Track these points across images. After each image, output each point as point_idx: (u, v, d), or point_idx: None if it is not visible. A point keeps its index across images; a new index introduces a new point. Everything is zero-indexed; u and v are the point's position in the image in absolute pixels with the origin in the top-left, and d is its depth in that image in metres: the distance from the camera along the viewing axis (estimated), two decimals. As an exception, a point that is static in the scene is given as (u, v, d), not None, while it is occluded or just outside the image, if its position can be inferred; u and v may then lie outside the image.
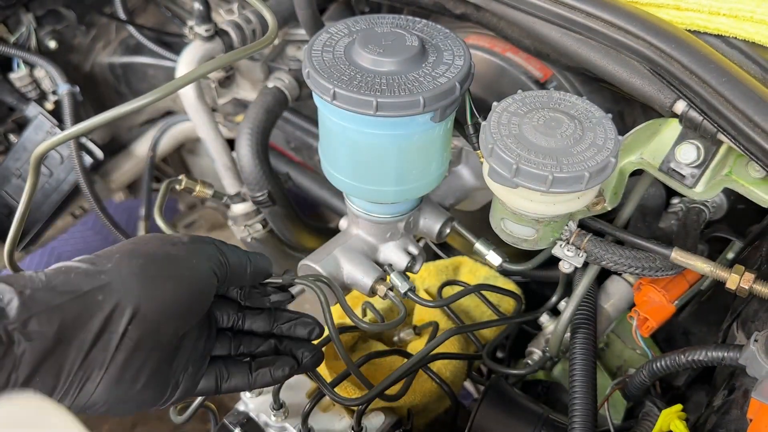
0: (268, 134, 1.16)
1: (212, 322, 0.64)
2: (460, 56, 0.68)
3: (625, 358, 0.89)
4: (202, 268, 0.57)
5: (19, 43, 1.36)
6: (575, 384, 0.76)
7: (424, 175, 0.72)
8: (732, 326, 0.74)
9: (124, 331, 0.50)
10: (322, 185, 1.34)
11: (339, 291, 0.78)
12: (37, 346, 0.47)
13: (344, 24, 0.71)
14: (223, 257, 0.60)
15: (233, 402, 0.87)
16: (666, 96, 0.65)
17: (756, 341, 0.61)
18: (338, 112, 0.65)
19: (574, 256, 0.72)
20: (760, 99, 0.57)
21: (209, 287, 0.58)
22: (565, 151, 0.61)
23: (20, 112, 1.38)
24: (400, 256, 0.83)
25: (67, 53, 1.50)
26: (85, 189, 1.34)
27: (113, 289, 0.51)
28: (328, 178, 0.76)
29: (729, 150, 0.66)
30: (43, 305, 0.48)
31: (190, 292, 0.56)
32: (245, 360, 0.66)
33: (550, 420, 0.78)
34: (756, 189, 0.65)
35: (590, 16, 0.65)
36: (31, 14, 1.38)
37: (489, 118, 0.65)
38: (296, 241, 1.31)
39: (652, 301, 0.79)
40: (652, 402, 0.77)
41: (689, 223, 0.79)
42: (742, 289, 0.65)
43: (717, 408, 0.72)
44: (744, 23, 0.63)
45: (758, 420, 0.60)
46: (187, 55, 1.20)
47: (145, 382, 0.53)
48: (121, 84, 1.61)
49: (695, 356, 0.69)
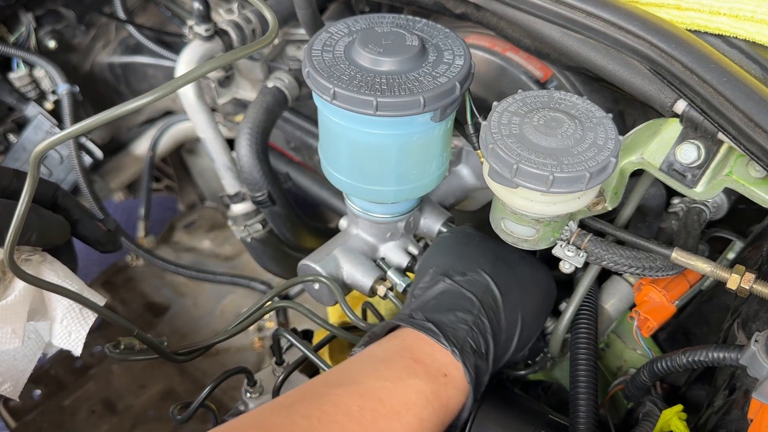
0: (267, 134, 1.15)
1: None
2: (461, 56, 0.68)
3: (626, 358, 0.89)
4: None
5: (19, 43, 1.37)
6: (576, 384, 0.75)
7: (424, 175, 0.72)
8: (732, 326, 0.74)
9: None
10: (322, 185, 1.34)
11: (339, 291, 0.78)
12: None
13: (344, 24, 0.71)
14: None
15: (233, 402, 0.87)
16: (666, 96, 0.65)
17: (756, 341, 0.61)
18: (338, 111, 0.65)
19: (574, 256, 0.72)
20: (760, 99, 0.57)
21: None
22: (566, 151, 0.61)
23: (20, 111, 1.38)
24: (400, 256, 0.83)
25: (67, 53, 1.50)
26: (85, 189, 1.34)
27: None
28: (328, 178, 0.75)
29: (729, 150, 0.66)
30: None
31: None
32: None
33: (550, 420, 0.77)
34: (756, 189, 0.65)
35: (591, 16, 0.65)
36: (31, 14, 1.38)
37: (489, 117, 0.65)
38: (296, 241, 1.31)
39: (653, 301, 0.79)
40: (653, 402, 0.77)
41: (690, 223, 0.79)
42: (743, 289, 0.65)
43: (718, 408, 0.72)
44: (745, 23, 0.63)
45: (759, 420, 0.60)
46: (186, 55, 1.20)
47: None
48: (120, 84, 1.61)
49: (696, 356, 0.69)
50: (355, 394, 0.57)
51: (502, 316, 0.69)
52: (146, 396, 1.53)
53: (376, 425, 0.56)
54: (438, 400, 0.61)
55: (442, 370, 0.62)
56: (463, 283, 0.70)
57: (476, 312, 0.67)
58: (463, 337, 0.65)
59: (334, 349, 0.90)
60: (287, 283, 0.81)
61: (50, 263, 0.69)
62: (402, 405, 0.58)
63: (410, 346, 0.64)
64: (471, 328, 0.66)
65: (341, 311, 0.78)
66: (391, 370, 0.61)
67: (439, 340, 0.64)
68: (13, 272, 0.58)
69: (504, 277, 0.72)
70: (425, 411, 0.59)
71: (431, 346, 0.64)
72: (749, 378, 0.63)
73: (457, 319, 0.66)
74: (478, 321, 0.67)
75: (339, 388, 0.58)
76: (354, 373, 0.61)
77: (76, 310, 0.69)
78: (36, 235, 0.66)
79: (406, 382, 0.60)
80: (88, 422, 1.48)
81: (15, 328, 0.65)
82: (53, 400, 1.51)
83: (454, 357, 0.63)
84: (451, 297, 0.69)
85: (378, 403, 0.57)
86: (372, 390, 0.58)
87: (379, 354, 0.64)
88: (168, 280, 1.79)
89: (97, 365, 1.58)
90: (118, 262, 1.81)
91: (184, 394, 1.52)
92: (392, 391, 0.59)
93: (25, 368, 0.71)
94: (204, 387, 0.78)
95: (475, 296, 0.69)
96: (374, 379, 0.60)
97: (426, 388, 0.60)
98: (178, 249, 1.87)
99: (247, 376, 0.85)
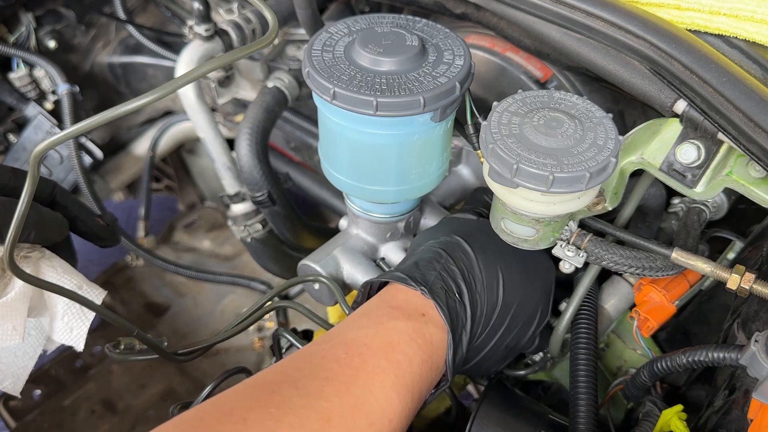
0: (267, 134, 1.15)
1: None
2: (461, 56, 0.68)
3: (626, 358, 0.89)
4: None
5: (19, 43, 1.36)
6: (576, 384, 0.75)
7: (424, 175, 0.72)
8: (732, 326, 0.74)
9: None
10: (322, 185, 1.34)
11: (339, 291, 0.78)
12: None
13: (344, 24, 0.71)
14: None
15: (233, 402, 0.87)
16: (666, 96, 0.65)
17: (756, 341, 0.61)
18: (338, 111, 0.65)
19: (574, 256, 0.72)
20: (760, 99, 0.57)
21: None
22: (566, 151, 0.61)
23: (20, 111, 1.38)
24: (400, 256, 0.83)
25: (67, 53, 1.50)
26: (85, 189, 1.34)
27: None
28: (328, 178, 0.75)
29: (729, 150, 0.66)
30: None
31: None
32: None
33: (550, 420, 0.78)
34: (756, 189, 0.65)
35: (591, 16, 0.65)
36: (31, 14, 1.37)
37: (489, 117, 0.65)
38: (296, 241, 1.31)
39: (653, 301, 0.79)
40: (653, 402, 0.77)
41: (690, 223, 0.79)
42: (743, 289, 0.65)
43: (718, 408, 0.72)
44: (745, 23, 0.63)
45: (759, 420, 0.60)
46: (186, 55, 1.20)
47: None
48: (120, 84, 1.61)
49: (696, 356, 0.69)
50: (341, 345, 0.61)
51: (475, 267, 0.72)
52: (146, 396, 1.53)
53: (365, 365, 0.59)
54: (421, 336, 0.64)
55: (419, 310, 0.66)
56: (432, 244, 0.73)
57: (443, 261, 0.70)
58: (431, 280, 0.68)
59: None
60: (287, 283, 0.81)
61: (49, 259, 0.70)
62: (386, 344, 0.62)
63: (386, 298, 0.68)
64: (439, 272, 0.69)
65: (341, 311, 0.78)
66: (371, 319, 0.65)
67: (407, 283, 0.67)
68: (13, 272, 0.58)
69: (479, 239, 0.75)
70: (410, 347, 0.62)
71: (405, 293, 0.67)
72: (749, 378, 0.63)
73: (426, 266, 0.70)
74: (446, 268, 0.70)
75: (325, 343, 0.62)
76: (338, 329, 0.65)
77: (76, 306, 0.70)
78: (35, 233, 0.67)
79: (387, 325, 0.63)
80: (88, 422, 1.48)
81: (15, 325, 0.66)
82: (53, 400, 1.51)
83: (425, 297, 0.66)
84: (421, 253, 0.72)
85: (363, 347, 0.61)
86: (356, 338, 0.62)
87: (359, 311, 0.68)
88: (168, 280, 1.79)
89: (97, 365, 1.58)
90: (118, 262, 1.81)
91: (184, 394, 1.52)
92: (375, 335, 0.62)
93: (26, 365, 0.72)
94: (204, 387, 0.78)
95: (443, 250, 0.72)
96: (356, 329, 0.64)
97: (406, 326, 0.64)
98: (178, 249, 1.87)
99: (247, 376, 0.85)
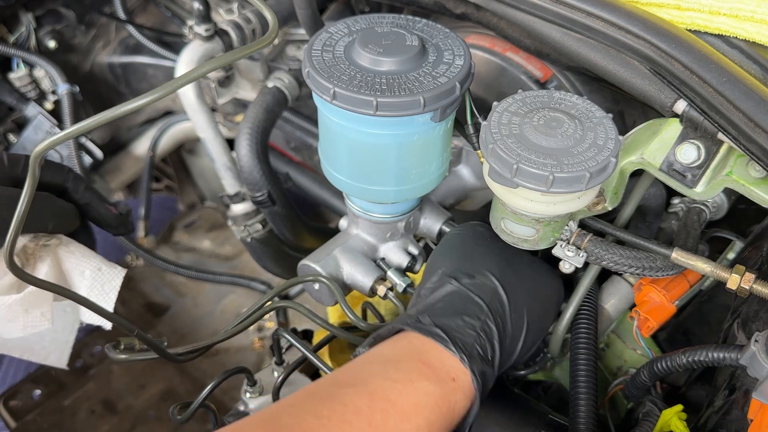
0: (267, 134, 1.15)
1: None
2: (460, 56, 0.67)
3: (626, 358, 0.89)
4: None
5: (19, 43, 1.36)
6: (576, 384, 0.75)
7: (424, 175, 0.72)
8: (732, 326, 0.74)
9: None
10: (322, 185, 1.34)
11: (339, 291, 0.78)
12: None
13: (344, 24, 0.71)
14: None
15: (233, 402, 0.87)
16: (666, 96, 0.65)
17: (756, 341, 0.61)
18: (338, 111, 0.65)
19: (574, 256, 0.72)
20: (760, 99, 0.57)
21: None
22: (566, 151, 0.61)
23: (20, 111, 1.38)
24: (400, 256, 0.83)
25: (67, 53, 1.50)
26: (85, 189, 1.33)
27: None
28: (328, 178, 0.75)
29: (729, 150, 0.66)
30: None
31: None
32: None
33: (550, 420, 0.77)
34: (756, 189, 0.65)
35: (591, 16, 0.65)
36: (31, 14, 1.37)
37: (489, 117, 0.65)
38: (296, 241, 1.31)
39: (653, 301, 0.79)
40: (653, 402, 0.77)
41: (690, 223, 0.79)
42: (743, 289, 0.65)
43: (718, 408, 0.72)
44: (745, 23, 0.63)
45: (759, 420, 0.60)
46: (186, 55, 1.20)
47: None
48: (120, 84, 1.61)
49: (696, 356, 0.69)
50: (365, 394, 0.57)
51: (508, 320, 0.69)
52: (146, 396, 1.53)
53: (386, 425, 0.55)
54: (446, 404, 0.60)
55: (450, 374, 0.62)
56: (470, 287, 0.69)
57: (483, 317, 0.67)
58: (471, 343, 0.64)
59: (334, 349, 0.90)
60: (287, 283, 0.81)
61: (66, 245, 0.73)
62: (411, 406, 0.58)
63: (419, 349, 0.63)
64: (478, 334, 0.65)
65: (341, 311, 0.78)
66: (400, 372, 0.60)
67: (448, 346, 0.63)
68: (13, 272, 0.59)
69: (511, 280, 0.72)
70: (434, 414, 0.59)
71: (440, 351, 0.63)
72: (749, 378, 0.63)
73: (465, 324, 0.66)
74: (486, 327, 0.66)
75: (348, 387, 0.58)
76: (363, 373, 0.61)
77: (98, 288, 0.72)
78: (53, 224, 0.70)
79: (416, 384, 0.59)
80: (88, 422, 1.48)
81: (43, 312, 0.69)
82: (53, 400, 1.51)
83: (462, 363, 0.62)
84: (459, 301, 0.68)
85: (387, 403, 0.57)
86: (381, 390, 0.58)
87: (388, 354, 0.63)
88: (168, 280, 1.79)
89: (97, 365, 1.58)
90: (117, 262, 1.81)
91: (184, 394, 1.52)
92: (402, 392, 0.58)
93: (68, 339, 0.78)
94: (204, 387, 0.78)
95: (483, 301, 0.68)
96: (383, 379, 0.59)
97: (435, 391, 0.60)
98: (178, 249, 1.87)
99: (247, 376, 0.85)
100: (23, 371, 1.56)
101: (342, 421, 0.54)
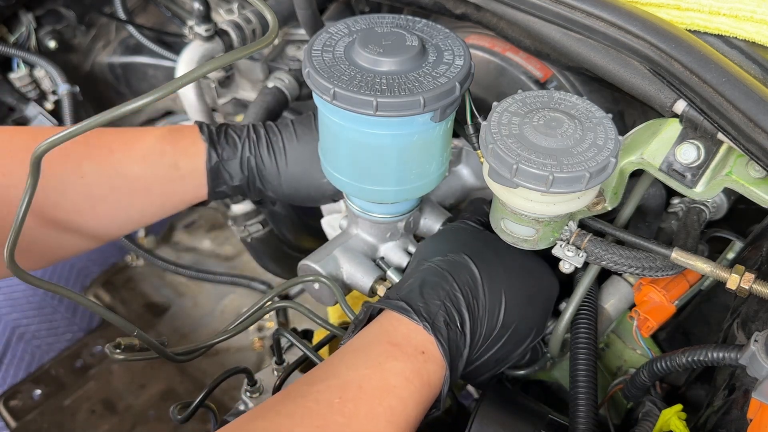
0: (268, 134, 1.15)
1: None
2: (460, 56, 0.68)
3: (626, 358, 0.89)
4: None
5: (19, 43, 1.37)
6: (576, 384, 0.75)
7: (424, 175, 0.72)
8: (732, 326, 0.74)
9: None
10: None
11: (339, 291, 0.78)
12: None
13: (344, 24, 0.71)
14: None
15: (233, 402, 0.87)
16: (666, 96, 0.65)
17: (756, 341, 0.61)
18: (338, 112, 0.65)
19: (574, 256, 0.72)
20: (760, 99, 0.57)
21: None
22: (566, 151, 0.61)
23: (20, 112, 1.38)
24: (400, 256, 0.83)
25: (67, 53, 1.50)
26: (85, 189, 1.33)
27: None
28: (328, 178, 0.75)
29: (729, 150, 0.66)
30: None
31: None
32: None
33: (550, 420, 0.77)
34: (756, 189, 0.65)
35: (591, 16, 0.65)
36: (31, 14, 1.38)
37: (489, 118, 0.65)
38: (296, 241, 1.31)
39: (653, 301, 0.79)
40: (653, 402, 0.77)
41: (689, 223, 0.79)
42: (743, 289, 0.65)
43: (717, 408, 0.72)
44: (744, 23, 0.63)
45: (759, 420, 0.60)
46: (186, 55, 1.20)
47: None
48: (121, 84, 1.61)
49: (696, 356, 0.69)
50: (335, 387, 0.59)
51: (480, 292, 0.70)
52: (146, 396, 1.53)
53: (358, 412, 0.57)
54: (418, 378, 0.62)
55: (419, 348, 0.64)
56: (440, 263, 0.71)
57: (448, 287, 0.68)
58: (435, 312, 0.66)
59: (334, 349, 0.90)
60: (287, 283, 0.81)
61: None
62: (382, 389, 0.60)
63: (386, 330, 0.66)
64: (443, 302, 0.67)
65: (341, 311, 0.78)
66: (369, 358, 0.63)
67: (411, 316, 0.65)
68: (13, 272, 0.59)
69: (487, 257, 0.73)
70: (406, 391, 0.61)
71: (406, 326, 0.65)
72: (749, 378, 0.63)
73: (430, 294, 0.67)
74: (451, 296, 0.68)
75: (320, 384, 0.60)
76: (333, 367, 0.63)
77: None
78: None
79: (384, 367, 0.61)
80: (88, 422, 1.48)
81: None
82: (53, 400, 1.51)
83: (427, 333, 0.64)
84: (426, 274, 0.70)
85: (358, 391, 0.59)
86: (351, 380, 0.60)
87: (357, 344, 0.66)
88: (168, 280, 1.80)
89: (97, 365, 1.58)
90: (118, 262, 1.81)
91: (184, 394, 1.52)
92: (371, 378, 0.60)
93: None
94: (204, 387, 0.78)
95: (449, 273, 0.70)
96: (353, 369, 0.61)
97: (404, 368, 0.62)
98: (178, 249, 1.87)
99: (247, 376, 0.85)
100: (23, 371, 1.56)
101: (315, 416, 0.56)
